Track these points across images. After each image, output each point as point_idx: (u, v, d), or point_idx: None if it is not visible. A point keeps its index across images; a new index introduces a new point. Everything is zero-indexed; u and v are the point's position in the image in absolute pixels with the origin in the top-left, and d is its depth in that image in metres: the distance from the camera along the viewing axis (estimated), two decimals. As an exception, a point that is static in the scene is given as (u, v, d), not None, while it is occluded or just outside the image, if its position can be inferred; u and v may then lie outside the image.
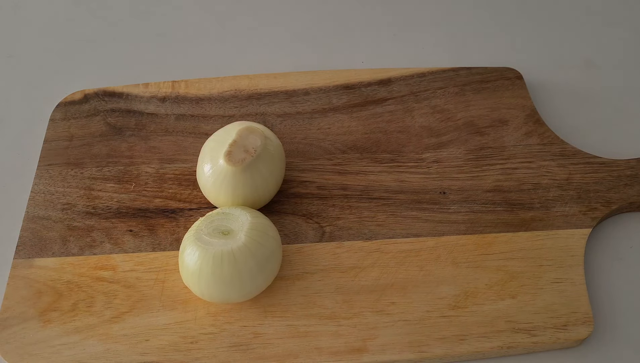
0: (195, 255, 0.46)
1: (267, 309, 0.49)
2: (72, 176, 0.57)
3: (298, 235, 0.53)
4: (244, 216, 0.48)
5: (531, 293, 0.49)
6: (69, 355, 0.47)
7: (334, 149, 0.58)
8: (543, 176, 0.55)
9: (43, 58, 0.68)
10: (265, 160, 0.50)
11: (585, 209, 0.53)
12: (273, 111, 0.60)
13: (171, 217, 0.54)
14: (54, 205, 0.55)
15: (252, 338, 0.48)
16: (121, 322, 0.49)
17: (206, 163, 0.51)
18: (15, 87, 0.66)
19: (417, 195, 0.55)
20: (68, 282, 0.51)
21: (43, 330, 0.49)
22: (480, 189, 0.55)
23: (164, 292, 0.50)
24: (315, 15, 0.71)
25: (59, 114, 0.61)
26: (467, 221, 0.53)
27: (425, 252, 0.51)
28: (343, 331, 0.48)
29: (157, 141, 0.59)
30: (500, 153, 0.57)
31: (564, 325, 0.47)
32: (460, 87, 0.61)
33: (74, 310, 0.49)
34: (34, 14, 0.72)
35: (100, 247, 0.53)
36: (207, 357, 0.47)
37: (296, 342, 0.48)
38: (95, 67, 0.67)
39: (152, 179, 0.56)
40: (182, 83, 0.62)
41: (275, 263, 0.48)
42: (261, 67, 0.64)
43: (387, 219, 0.53)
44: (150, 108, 0.61)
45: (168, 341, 0.48)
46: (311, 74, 0.62)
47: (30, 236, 0.53)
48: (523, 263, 0.51)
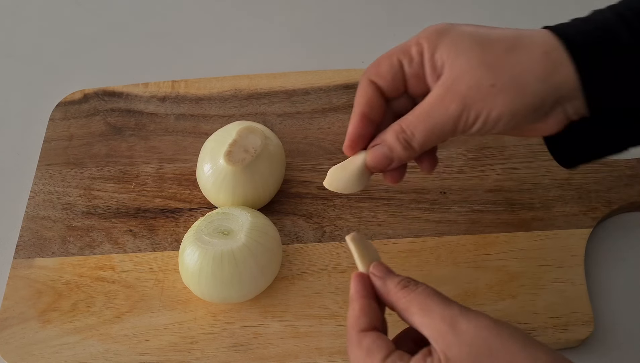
0: (195, 255, 0.45)
1: (267, 309, 0.49)
2: (72, 176, 0.57)
3: (298, 235, 0.53)
4: (244, 216, 0.48)
5: (531, 293, 0.49)
6: (69, 355, 0.47)
7: (334, 149, 0.58)
8: (543, 176, 0.55)
9: (43, 58, 0.68)
10: (265, 160, 0.50)
11: (585, 209, 0.53)
12: (273, 111, 0.60)
13: (171, 217, 0.54)
14: (53, 205, 0.55)
15: (252, 338, 0.48)
16: (121, 322, 0.49)
17: (206, 163, 0.51)
18: (15, 87, 0.66)
19: (417, 195, 0.55)
20: (68, 282, 0.51)
21: (43, 330, 0.49)
22: (480, 189, 0.55)
23: (163, 292, 0.50)
24: (315, 15, 0.71)
25: (58, 114, 0.61)
26: (467, 221, 0.53)
27: (426, 252, 0.51)
28: (343, 331, 0.48)
29: (157, 141, 0.59)
30: (501, 153, 0.57)
31: (564, 325, 0.47)
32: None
33: (73, 310, 0.49)
34: (34, 14, 0.72)
35: (100, 247, 0.53)
36: (207, 357, 0.47)
37: (296, 342, 0.48)
38: (95, 67, 0.67)
39: (152, 179, 0.56)
40: (182, 83, 0.62)
41: (275, 263, 0.48)
42: (261, 67, 0.64)
43: (388, 219, 0.53)
44: (150, 108, 0.61)
45: (168, 341, 0.48)
46: (311, 74, 0.62)
47: (30, 236, 0.53)
48: (523, 263, 0.50)
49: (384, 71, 0.39)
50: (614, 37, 0.35)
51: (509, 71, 0.36)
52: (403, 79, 0.39)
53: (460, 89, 0.36)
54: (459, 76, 0.37)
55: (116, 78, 0.64)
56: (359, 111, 0.40)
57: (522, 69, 0.36)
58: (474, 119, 0.37)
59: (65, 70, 0.67)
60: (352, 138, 0.40)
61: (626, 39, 0.35)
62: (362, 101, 0.40)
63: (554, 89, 0.36)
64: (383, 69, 0.39)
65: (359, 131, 0.40)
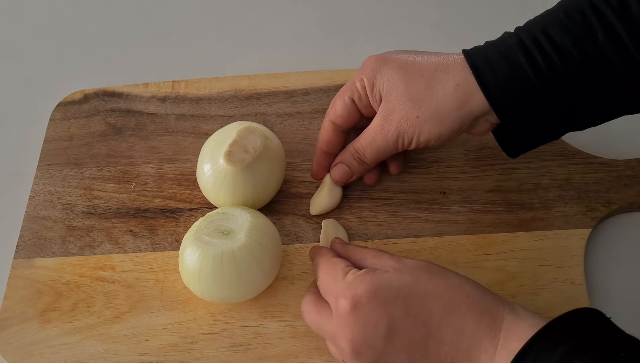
0: (195, 255, 0.46)
1: (267, 309, 0.49)
2: (72, 176, 0.57)
3: (298, 235, 0.53)
4: (244, 216, 0.48)
5: (531, 293, 0.49)
6: (69, 355, 0.47)
7: (334, 149, 0.58)
8: (543, 176, 0.55)
9: (43, 58, 0.68)
10: (265, 160, 0.50)
11: (585, 209, 0.53)
12: (273, 111, 0.60)
13: (171, 217, 0.54)
14: (54, 205, 0.55)
15: (252, 338, 0.48)
16: (121, 322, 0.49)
17: (206, 163, 0.51)
18: (15, 87, 0.66)
19: (417, 195, 0.55)
20: (68, 282, 0.51)
21: (43, 330, 0.49)
22: (480, 189, 0.55)
23: (164, 292, 0.50)
24: (315, 15, 0.71)
25: (59, 114, 0.61)
26: (467, 221, 0.53)
27: (426, 252, 0.51)
28: (343, 331, 0.48)
29: (157, 141, 0.59)
30: (500, 153, 0.56)
31: (564, 325, 0.47)
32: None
33: (73, 310, 0.49)
34: (34, 14, 0.72)
35: (100, 247, 0.53)
36: (207, 357, 0.47)
37: (296, 342, 0.48)
38: (95, 67, 0.67)
39: (152, 179, 0.56)
40: (182, 83, 0.62)
41: (275, 263, 0.48)
42: (261, 67, 0.64)
43: (387, 219, 0.53)
44: (150, 108, 0.61)
45: (168, 341, 0.48)
46: (311, 74, 0.62)
47: (30, 236, 0.53)
48: (523, 263, 0.51)
49: (339, 111, 0.50)
50: (516, 65, 0.43)
51: (428, 104, 0.45)
52: (357, 110, 0.50)
53: (394, 120, 0.47)
54: (392, 109, 0.47)
55: (116, 78, 0.64)
56: (319, 149, 0.53)
57: (439, 102, 0.45)
58: (409, 141, 0.47)
59: (65, 70, 0.67)
60: (316, 168, 0.54)
61: (527, 69, 0.42)
62: (322, 140, 0.52)
63: (468, 114, 0.45)
64: (339, 110, 0.50)
65: (320, 163, 0.53)
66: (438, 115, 0.45)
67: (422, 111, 0.45)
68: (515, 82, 0.43)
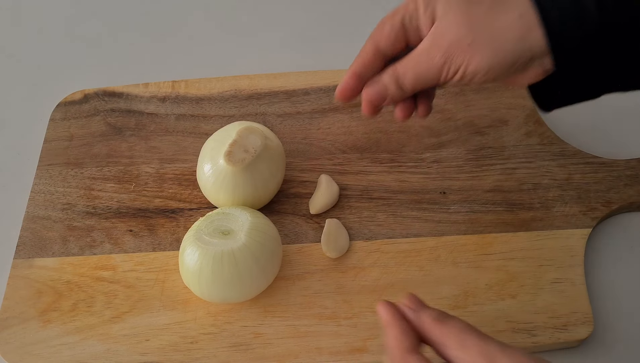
0: (195, 255, 0.46)
1: (267, 309, 0.49)
2: (72, 176, 0.57)
3: (298, 235, 0.53)
4: (244, 216, 0.48)
5: (531, 293, 0.49)
6: (69, 355, 0.47)
7: (334, 149, 0.58)
8: (543, 176, 0.55)
9: (43, 58, 0.68)
10: (265, 160, 0.50)
11: (585, 209, 0.53)
12: (273, 111, 0.60)
13: (171, 217, 0.54)
14: (54, 205, 0.55)
15: (252, 338, 0.48)
16: (121, 322, 0.49)
17: (206, 163, 0.51)
18: (15, 87, 0.66)
19: (417, 195, 0.55)
20: (68, 282, 0.51)
21: (43, 330, 0.49)
22: (480, 189, 0.55)
23: (164, 292, 0.50)
24: (315, 16, 0.71)
25: (59, 114, 0.61)
26: (467, 221, 0.53)
27: (426, 252, 0.51)
28: (343, 331, 0.48)
29: (157, 141, 0.59)
30: (500, 153, 0.57)
31: (563, 325, 0.47)
32: (460, 87, 0.61)
33: (74, 310, 0.49)
34: (34, 14, 0.72)
35: (101, 247, 0.53)
36: (207, 357, 0.47)
37: (296, 342, 0.48)
38: (95, 67, 0.67)
39: (152, 179, 0.56)
40: (182, 83, 0.62)
41: (275, 263, 0.48)
42: (261, 67, 0.64)
43: (387, 219, 0.53)
44: (150, 108, 0.61)
45: (168, 341, 0.48)
46: (311, 74, 0.62)
47: (30, 236, 0.53)
48: (523, 263, 0.51)
49: (386, 32, 0.44)
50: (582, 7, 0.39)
51: (486, 30, 0.40)
52: (404, 36, 0.44)
53: (443, 43, 0.41)
54: (444, 31, 0.41)
55: (116, 78, 0.64)
56: (352, 70, 0.46)
57: (498, 31, 0.40)
58: (455, 70, 0.41)
59: (65, 70, 0.67)
60: (343, 87, 0.46)
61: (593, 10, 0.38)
62: (358, 61, 0.46)
63: (527, 50, 0.40)
64: (385, 31, 0.44)
65: (349, 84, 0.46)
66: (495, 44, 0.40)
67: (478, 38, 0.40)
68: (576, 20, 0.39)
